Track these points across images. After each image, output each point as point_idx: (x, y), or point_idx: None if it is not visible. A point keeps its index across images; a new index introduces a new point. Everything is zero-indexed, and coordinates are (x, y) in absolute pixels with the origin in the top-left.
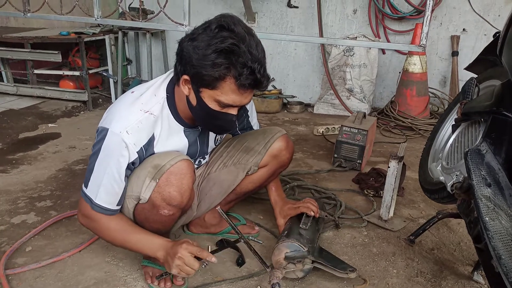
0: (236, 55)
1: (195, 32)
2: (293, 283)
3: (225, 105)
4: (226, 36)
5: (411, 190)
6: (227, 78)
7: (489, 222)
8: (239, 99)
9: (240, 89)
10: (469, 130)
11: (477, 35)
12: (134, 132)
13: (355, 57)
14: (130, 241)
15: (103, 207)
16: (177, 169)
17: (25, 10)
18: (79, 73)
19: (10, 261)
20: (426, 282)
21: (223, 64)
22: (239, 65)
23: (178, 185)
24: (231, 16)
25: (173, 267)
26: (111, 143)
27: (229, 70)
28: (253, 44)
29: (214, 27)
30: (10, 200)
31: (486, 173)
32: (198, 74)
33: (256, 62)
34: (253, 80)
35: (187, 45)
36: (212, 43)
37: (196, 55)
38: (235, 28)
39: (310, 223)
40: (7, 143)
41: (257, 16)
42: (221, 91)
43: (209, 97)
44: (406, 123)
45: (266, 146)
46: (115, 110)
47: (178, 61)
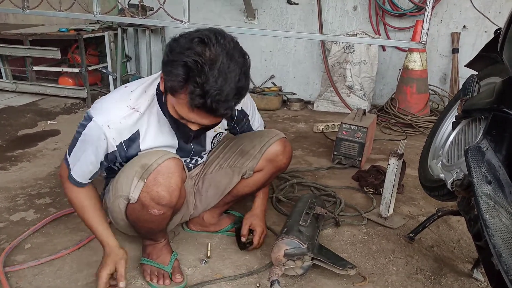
0: (196, 73)
1: (182, 35)
2: (293, 280)
3: (181, 117)
4: (198, 51)
5: (411, 187)
6: (182, 92)
7: (489, 219)
8: (194, 117)
9: (190, 107)
10: (470, 128)
11: (477, 32)
12: (115, 127)
13: (355, 54)
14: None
15: (75, 180)
16: (164, 168)
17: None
18: (78, 70)
19: (9, 259)
20: (426, 279)
21: (180, 76)
22: (193, 84)
23: (166, 184)
24: (221, 33)
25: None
26: (92, 132)
27: (184, 84)
28: (222, 69)
29: (197, 37)
30: (9, 197)
31: (487, 170)
32: (165, 75)
33: (214, 88)
34: (201, 104)
35: (169, 44)
36: (183, 52)
37: (167, 57)
38: (213, 47)
39: (310, 220)
40: (6, 140)
41: (257, 12)
42: (178, 101)
43: (170, 102)
44: (406, 120)
45: (262, 150)
46: (104, 102)
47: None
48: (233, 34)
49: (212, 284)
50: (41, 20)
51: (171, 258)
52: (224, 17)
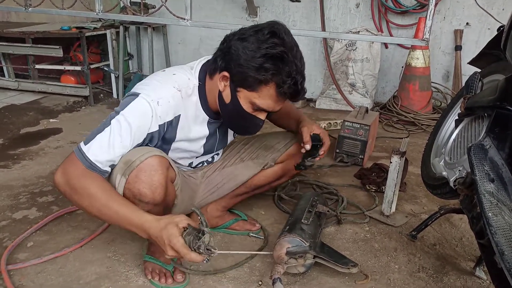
0: (284, 63)
1: (245, 32)
2: (295, 278)
3: (258, 108)
4: (277, 43)
5: (413, 185)
6: (269, 84)
7: (492, 217)
8: (273, 105)
9: (278, 97)
10: (473, 125)
11: (480, 29)
12: (164, 105)
13: (357, 51)
14: (110, 208)
15: (96, 167)
16: (146, 165)
17: (26, 4)
18: (80, 68)
19: (12, 257)
20: (428, 277)
21: (270, 69)
22: (285, 74)
23: (148, 181)
24: (283, 25)
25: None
26: (139, 105)
27: (274, 76)
28: (298, 56)
29: (266, 32)
30: (12, 195)
31: (489, 168)
32: (242, 73)
33: (299, 74)
34: (294, 91)
35: (236, 43)
36: (262, 47)
37: (244, 55)
38: (285, 37)
39: (312, 219)
40: (9, 139)
41: (259, 10)
42: (259, 94)
43: (245, 98)
44: (408, 118)
45: (287, 145)
46: (147, 82)
47: (221, 56)
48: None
49: (214, 282)
50: (43, 18)
51: (174, 259)
52: (226, 15)
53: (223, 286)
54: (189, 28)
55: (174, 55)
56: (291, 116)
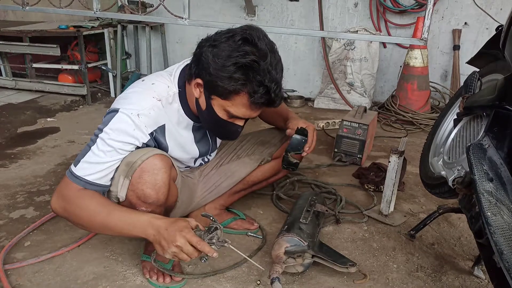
0: (254, 72)
1: (217, 38)
2: (293, 277)
3: (234, 116)
4: (248, 51)
5: (412, 184)
6: (241, 93)
7: (491, 217)
8: (249, 113)
9: (252, 105)
10: (471, 125)
11: (479, 29)
12: (145, 117)
13: (356, 51)
14: (113, 217)
15: (96, 183)
16: (149, 165)
17: (24, 3)
18: (78, 67)
19: (9, 256)
20: (427, 277)
21: (240, 79)
22: (256, 83)
23: (152, 182)
24: (257, 29)
25: (168, 252)
26: (120, 122)
27: (245, 86)
28: (273, 62)
29: (238, 38)
30: (9, 194)
31: (488, 167)
32: (213, 82)
33: (273, 82)
34: (266, 100)
35: (206, 50)
36: (233, 55)
37: (214, 64)
38: (258, 43)
39: (310, 218)
40: (6, 138)
41: (257, 9)
42: (232, 103)
43: (219, 106)
44: (407, 117)
45: (283, 140)
46: (126, 95)
47: (194, 62)
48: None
49: (212, 282)
50: (40, 17)
51: (171, 260)
52: (224, 14)
53: (221, 286)
54: (187, 27)
55: (172, 54)
56: (279, 114)
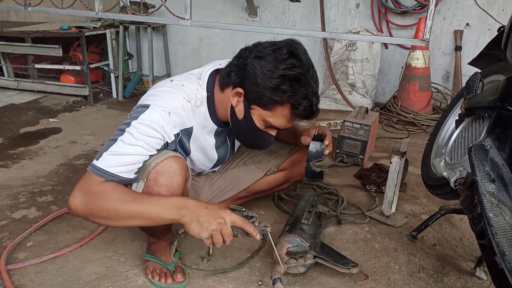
0: (300, 85)
1: (261, 50)
2: (295, 278)
3: (271, 126)
4: (295, 64)
5: (414, 185)
6: (285, 104)
7: (492, 218)
8: (286, 123)
9: (292, 116)
10: (473, 125)
11: (480, 30)
12: (175, 116)
13: (357, 51)
14: (142, 203)
15: (119, 176)
16: (164, 167)
17: (26, 4)
18: (80, 67)
19: (11, 256)
20: (428, 278)
21: (287, 91)
22: (301, 96)
23: (167, 184)
24: (300, 44)
25: (207, 230)
26: (151, 117)
27: (291, 98)
28: (314, 77)
29: (284, 52)
30: (11, 195)
31: (490, 168)
32: (258, 92)
33: (314, 95)
34: (309, 112)
35: (253, 61)
36: (280, 67)
37: (261, 74)
38: (303, 57)
39: (312, 219)
40: (8, 138)
41: (259, 10)
42: (274, 113)
43: (259, 116)
44: (408, 118)
45: (291, 152)
46: (156, 93)
47: (235, 72)
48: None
49: (214, 282)
50: (42, 17)
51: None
52: (226, 15)
53: (223, 286)
54: (189, 28)
55: (174, 55)
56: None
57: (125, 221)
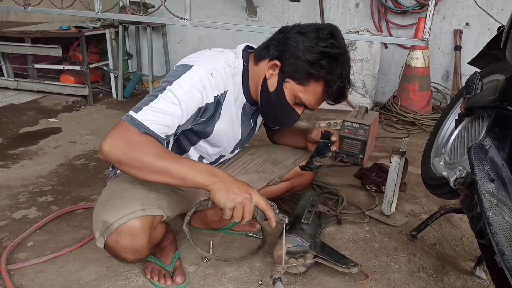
0: (337, 64)
1: (304, 28)
2: (295, 278)
3: (300, 102)
4: (335, 44)
5: (413, 185)
6: (319, 81)
7: (492, 217)
8: (314, 102)
9: (322, 95)
10: (473, 125)
11: (480, 29)
12: (217, 77)
13: (357, 51)
14: (177, 162)
15: (155, 133)
16: (126, 229)
17: (25, 4)
18: (79, 67)
19: (12, 256)
20: (428, 277)
21: (325, 67)
22: (337, 75)
23: (129, 246)
24: (339, 29)
25: (233, 200)
26: (194, 76)
27: (327, 74)
28: (349, 62)
29: (326, 32)
30: (11, 195)
31: (490, 168)
32: (296, 65)
33: (347, 78)
34: (339, 93)
35: (295, 35)
36: (321, 44)
37: (303, 48)
38: (341, 41)
39: (312, 218)
40: (8, 138)
41: (259, 10)
42: (306, 89)
43: (290, 90)
44: (408, 118)
45: (295, 162)
46: (198, 55)
47: (275, 45)
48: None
49: (214, 282)
50: (42, 17)
51: (173, 258)
52: (226, 15)
53: (223, 286)
54: (189, 28)
55: (174, 55)
56: (297, 133)
57: (157, 176)
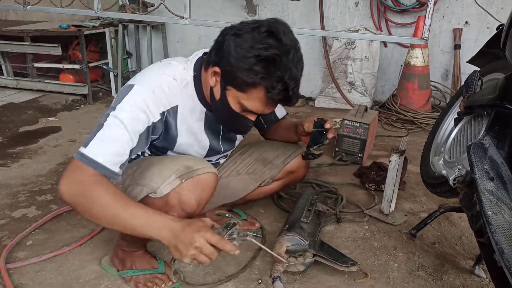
0: (275, 67)
1: (241, 28)
2: (294, 276)
3: (247, 110)
4: (271, 44)
5: (413, 184)
6: (258, 87)
7: (491, 216)
8: (262, 108)
9: (267, 100)
10: (472, 124)
11: (479, 28)
12: (159, 94)
13: (356, 50)
14: (128, 213)
15: (107, 168)
16: (205, 179)
17: (25, 3)
18: (79, 66)
19: (11, 255)
20: (427, 276)
21: (260, 72)
22: (275, 78)
23: (199, 194)
24: (284, 23)
25: (187, 256)
26: (134, 97)
27: (264, 80)
28: (295, 59)
29: (263, 30)
30: (11, 194)
31: (489, 167)
32: (231, 73)
33: (292, 79)
34: (284, 96)
35: (229, 38)
36: (255, 47)
37: (235, 54)
38: (283, 38)
39: (312, 217)
40: (8, 137)
41: (258, 8)
42: (248, 96)
43: (234, 98)
44: (407, 116)
45: (285, 161)
46: (142, 73)
47: (215, 50)
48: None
49: (214, 281)
50: (41, 16)
51: (158, 261)
52: (225, 13)
53: (222, 285)
54: (188, 27)
55: (173, 54)
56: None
57: (108, 225)
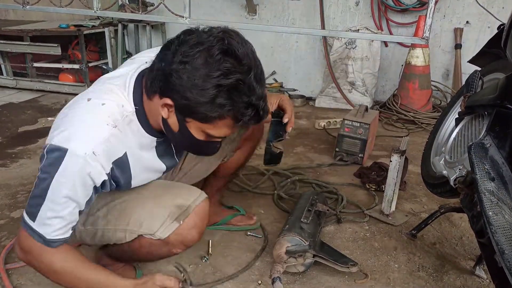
0: (240, 93)
1: (188, 53)
2: (294, 277)
3: (213, 137)
4: (230, 68)
5: (413, 184)
6: (226, 117)
7: (492, 216)
8: (231, 131)
9: (235, 126)
10: (473, 124)
11: (480, 28)
12: (102, 153)
13: (357, 50)
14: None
15: (58, 239)
16: (201, 210)
17: (24, 2)
18: (78, 66)
19: (10, 256)
20: (428, 276)
21: (225, 105)
22: (243, 105)
23: (200, 226)
24: (234, 33)
25: None
26: (71, 168)
27: (230, 111)
28: (257, 75)
29: (216, 52)
30: (10, 194)
31: (490, 167)
32: (189, 107)
33: (260, 99)
34: (256, 119)
35: (178, 68)
36: (213, 75)
37: (190, 86)
38: (240, 54)
39: (312, 218)
40: (7, 137)
41: (258, 8)
42: (214, 126)
43: (197, 128)
44: (408, 116)
45: (240, 132)
46: (73, 123)
47: (159, 79)
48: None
49: (213, 282)
50: (41, 16)
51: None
52: (225, 13)
53: (222, 286)
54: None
55: None
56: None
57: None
